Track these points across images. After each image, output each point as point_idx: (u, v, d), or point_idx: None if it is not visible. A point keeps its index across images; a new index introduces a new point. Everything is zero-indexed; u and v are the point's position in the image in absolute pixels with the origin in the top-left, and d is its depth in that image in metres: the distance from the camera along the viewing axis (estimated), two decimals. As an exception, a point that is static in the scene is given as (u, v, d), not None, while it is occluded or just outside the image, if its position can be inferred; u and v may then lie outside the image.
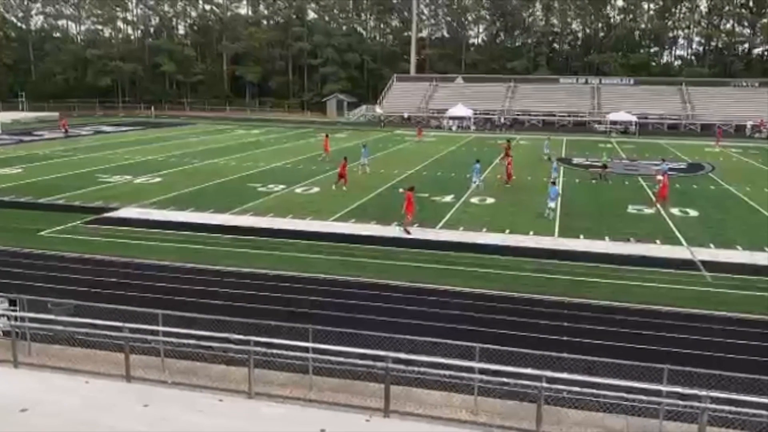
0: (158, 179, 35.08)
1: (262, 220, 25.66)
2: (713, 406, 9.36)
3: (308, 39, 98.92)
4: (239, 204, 28.35)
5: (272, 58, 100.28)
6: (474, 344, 10.97)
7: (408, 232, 23.49)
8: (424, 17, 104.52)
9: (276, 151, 49.00)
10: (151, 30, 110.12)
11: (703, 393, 9.38)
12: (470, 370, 10.81)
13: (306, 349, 11.41)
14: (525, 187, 33.69)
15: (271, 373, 12.16)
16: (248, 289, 17.46)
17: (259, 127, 71.94)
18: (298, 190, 32.45)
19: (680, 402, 9.78)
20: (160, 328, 12.02)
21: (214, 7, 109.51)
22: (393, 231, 24.00)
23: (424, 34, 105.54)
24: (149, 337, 12.14)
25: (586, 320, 15.49)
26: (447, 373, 10.80)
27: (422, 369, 10.87)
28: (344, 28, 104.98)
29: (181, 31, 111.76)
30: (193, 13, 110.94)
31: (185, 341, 11.88)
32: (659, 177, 31.23)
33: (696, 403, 9.46)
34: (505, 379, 10.48)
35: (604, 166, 38.26)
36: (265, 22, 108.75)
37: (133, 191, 31.33)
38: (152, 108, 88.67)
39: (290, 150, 50.08)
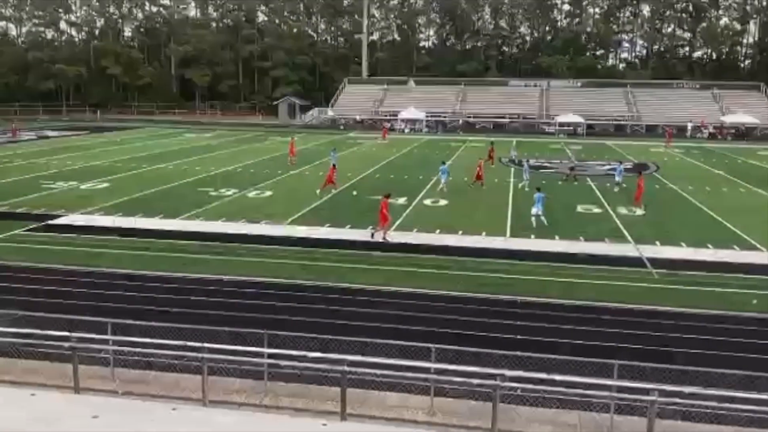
0: (105, 185, 34.20)
1: (214, 224, 25.28)
2: (662, 399, 9.58)
3: (258, 42, 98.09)
4: (190, 209, 27.87)
5: (222, 60, 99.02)
6: (430, 345, 11.01)
7: (384, 239, 23.04)
8: (375, 20, 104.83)
9: (227, 155, 48.34)
10: (96, 32, 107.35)
11: (652, 386, 9.60)
12: (426, 370, 10.85)
13: (261, 355, 11.27)
14: (477, 189, 34.05)
15: (226, 380, 11.98)
16: (200, 295, 17.17)
17: (209, 130, 70.93)
18: (251, 194, 32.09)
19: (630, 396, 9.99)
20: (110, 337, 11.70)
21: (161, 9, 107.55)
22: (348, 233, 23.96)
23: (376, 37, 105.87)
24: (98, 347, 11.79)
25: (539, 318, 15.73)
26: (403, 374, 10.80)
27: (379, 371, 10.84)
28: (295, 30, 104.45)
29: (128, 34, 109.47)
30: (140, 15, 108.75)
31: (136, 350, 11.60)
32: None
33: (645, 397, 9.67)
34: (461, 379, 10.55)
35: (572, 168, 39.22)
36: (214, 24, 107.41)
37: (78, 197, 30.47)
38: (98, 112, 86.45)
39: (242, 154, 49.53)
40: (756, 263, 20.73)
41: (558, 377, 10.00)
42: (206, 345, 11.09)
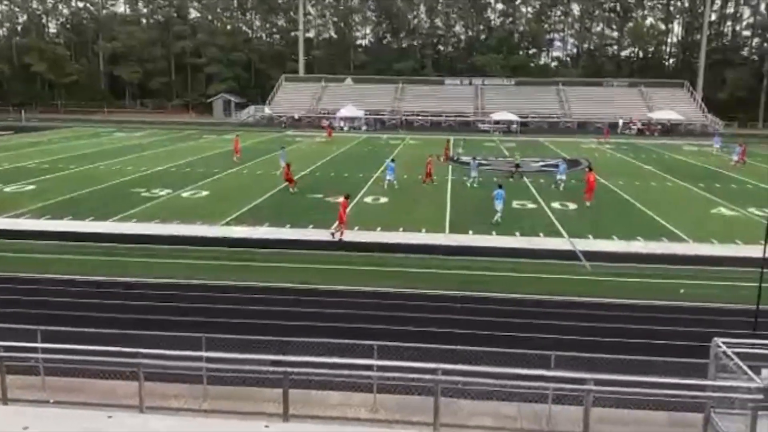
0: (31, 187, 32.77)
1: (148, 226, 24.60)
2: (597, 387, 9.84)
3: (191, 38, 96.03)
4: (122, 211, 27.01)
5: (153, 57, 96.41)
6: (372, 342, 11.02)
7: (339, 239, 22.89)
8: (310, 17, 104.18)
9: (160, 155, 47.11)
10: (19, 28, 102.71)
11: (587, 376, 9.86)
12: (369, 368, 10.85)
13: (199, 359, 11.03)
14: (417, 186, 34.32)
15: (163, 386, 11.67)
16: (134, 299, 16.68)
17: (141, 129, 68.97)
18: (185, 194, 31.37)
19: (566, 386, 10.25)
20: (39, 345, 11.22)
21: (88, 5, 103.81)
22: (287, 233, 23.75)
23: (312, 34, 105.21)
24: (27, 355, 11.29)
25: (479, 312, 15.98)
26: (346, 372, 10.78)
27: (321, 371, 10.78)
28: (229, 27, 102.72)
29: (53, 30, 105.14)
30: (66, 11, 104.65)
31: (68, 357, 11.16)
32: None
33: (581, 386, 9.93)
34: (402, 375, 10.59)
35: (517, 166, 40.05)
36: (144, 20, 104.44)
37: (2, 200, 29.10)
38: (23, 111, 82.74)
39: (175, 153, 48.36)
40: (683, 254, 21.66)
41: (497, 370, 10.13)
42: (142, 350, 10.78)
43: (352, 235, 23.49)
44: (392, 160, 35.14)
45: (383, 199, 30.73)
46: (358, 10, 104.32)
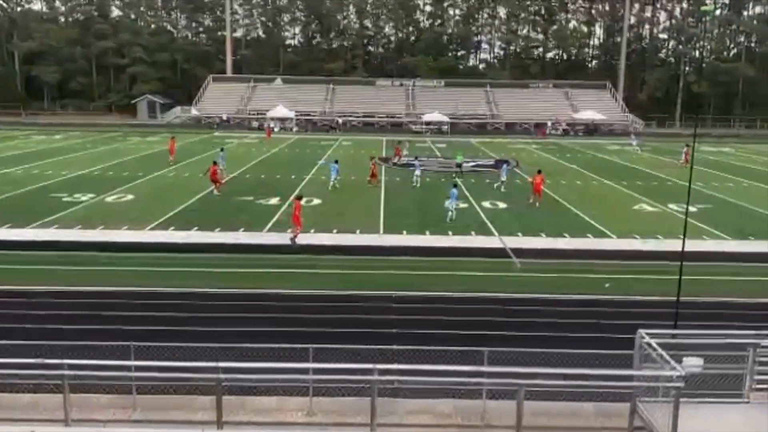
0: (-59, 192, 30.96)
1: (70, 232, 23.61)
2: (528, 381, 10.02)
3: (113, 37, 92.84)
4: (41, 217, 25.81)
5: (73, 57, 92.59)
6: (307, 345, 10.90)
7: (293, 242, 22.53)
8: (238, 17, 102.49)
9: (82, 158, 45.26)
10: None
11: (519, 370, 10.05)
12: (304, 371, 10.73)
13: (128, 368, 10.65)
14: (350, 187, 34.29)
15: (90, 397, 11.21)
16: (57, 308, 15.96)
17: (61, 131, 66.18)
18: (110, 199, 30.29)
19: (499, 380, 10.43)
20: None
21: (1, 2, 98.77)
22: (217, 236, 23.27)
23: (239, 34, 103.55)
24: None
25: (413, 311, 16.10)
26: (280, 377, 10.63)
27: (255, 376, 10.59)
28: (153, 26, 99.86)
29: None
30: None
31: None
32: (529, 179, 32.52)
33: (513, 380, 10.11)
34: (339, 377, 10.54)
35: (459, 165, 40.74)
36: (63, 18, 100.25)
37: None
38: (-70, 113, 78.04)
39: (98, 156, 46.61)
40: (607, 249, 22.48)
41: (432, 367, 10.21)
42: (66, 361, 10.31)
43: (284, 238, 23.25)
44: (336, 161, 35.10)
45: (316, 201, 30.53)
46: (287, 10, 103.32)
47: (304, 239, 23.01)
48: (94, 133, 64.17)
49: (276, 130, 71.64)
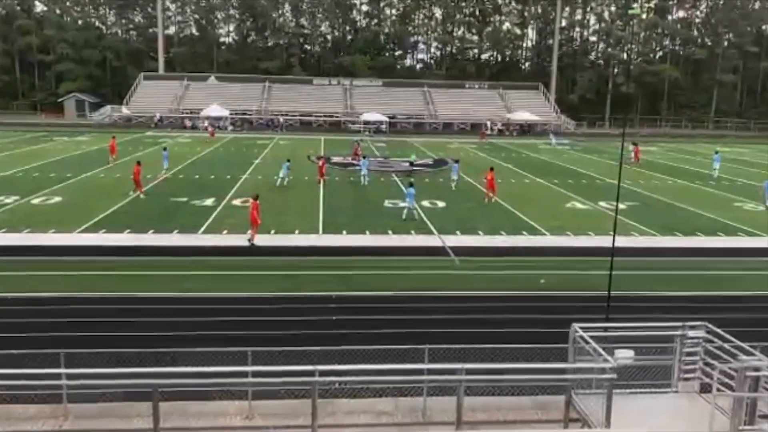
0: None
1: (-7, 236, 22.56)
2: (468, 377, 10.14)
3: (37, 33, 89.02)
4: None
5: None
6: (246, 348, 10.73)
7: (251, 243, 22.23)
8: (170, 14, 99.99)
9: (4, 159, 43.19)
10: None
11: (459, 366, 10.18)
12: (243, 374, 10.56)
13: (58, 376, 10.21)
14: (289, 187, 33.97)
15: (17, 408, 10.71)
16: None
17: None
18: (36, 201, 29.04)
19: (440, 377, 10.53)
20: None
21: None
22: (150, 239, 22.65)
23: (172, 31, 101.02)
24: None
25: (354, 311, 16.08)
26: (219, 381, 10.42)
27: (192, 381, 10.34)
28: (80, 22, 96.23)
29: None
30: None
31: None
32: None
33: (453, 377, 10.23)
34: (279, 380, 10.42)
35: (412, 164, 41.97)
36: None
37: None
38: None
39: (22, 156, 44.54)
40: (542, 246, 23.09)
41: (372, 367, 10.21)
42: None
43: (221, 239, 22.84)
44: (288, 160, 35.45)
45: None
46: (221, 7, 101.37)
47: (240, 240, 22.67)
48: (17, 133, 61.28)
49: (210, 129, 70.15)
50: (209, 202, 29.55)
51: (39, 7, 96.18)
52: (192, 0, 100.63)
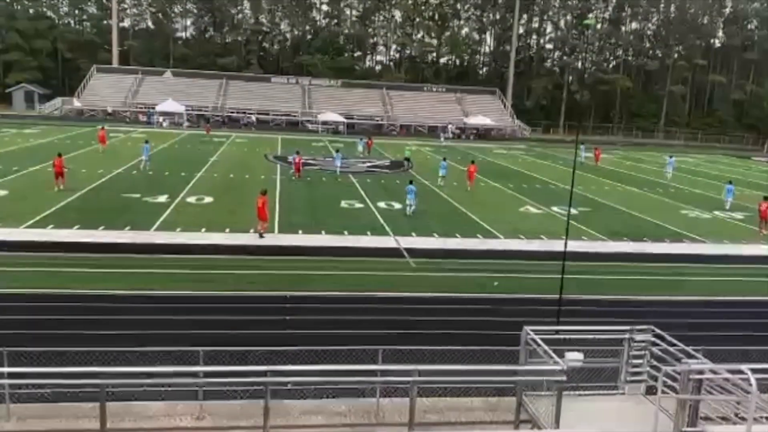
0: None
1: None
2: (421, 378, 10.17)
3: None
4: None
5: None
6: (197, 348, 10.58)
7: (261, 236, 22.54)
8: (125, 6, 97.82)
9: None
10: None
11: (412, 368, 10.22)
12: (194, 375, 10.40)
13: (0, 375, 9.89)
14: (243, 185, 33.61)
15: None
16: None
17: None
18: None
19: (393, 378, 10.56)
20: None
21: None
22: (101, 235, 22.12)
23: (127, 24, 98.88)
24: None
25: (309, 312, 16.01)
26: (169, 381, 10.24)
27: (141, 381, 10.13)
28: (31, 11, 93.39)
29: None
30: None
31: None
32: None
33: (406, 378, 10.25)
34: (231, 380, 10.30)
35: (408, 159, 44.10)
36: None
37: None
38: None
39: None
40: (496, 249, 23.39)
41: (326, 368, 10.21)
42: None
43: (172, 237, 22.45)
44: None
45: (208, 199, 29.70)
46: (178, 1, 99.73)
47: (195, 239, 22.34)
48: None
49: (165, 125, 68.97)
50: (162, 198, 29.01)
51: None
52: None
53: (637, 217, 31.23)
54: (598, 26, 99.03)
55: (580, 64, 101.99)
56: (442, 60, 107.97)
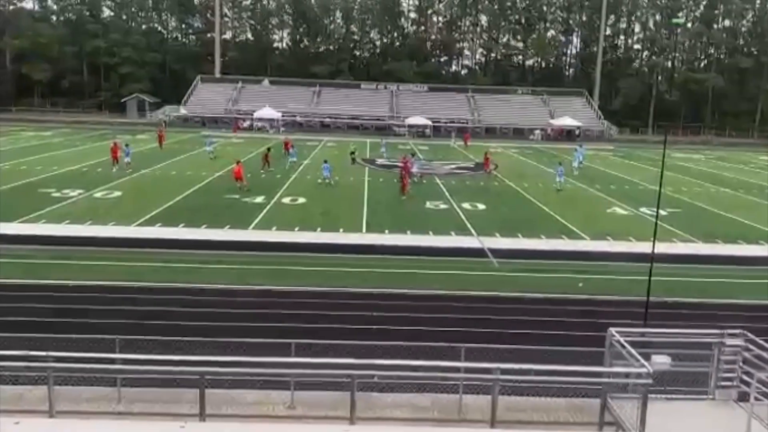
0: None
1: (57, 227, 23.69)
2: (503, 377, 10.23)
3: (104, 37, 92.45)
4: (30, 211, 25.87)
5: (64, 56, 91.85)
6: (290, 340, 11.12)
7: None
8: (227, 19, 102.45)
9: (70, 154, 45.13)
10: None
11: (494, 366, 10.32)
12: (287, 366, 10.92)
13: (113, 361, 10.78)
14: (333, 186, 34.60)
15: (74, 389, 11.33)
16: (44, 302, 16.05)
17: (51, 129, 65.72)
18: (98, 195, 30.36)
19: (475, 375, 10.72)
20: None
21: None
22: (202, 233, 23.42)
23: (228, 36, 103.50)
24: None
25: (396, 309, 16.35)
26: (263, 371, 10.80)
27: (238, 370, 10.68)
28: (144, 27, 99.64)
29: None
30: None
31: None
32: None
33: (488, 376, 10.38)
34: (319, 371, 10.71)
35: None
36: (54, 17, 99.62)
37: None
38: None
39: (87, 153, 46.45)
40: (582, 251, 23.02)
41: (411, 362, 10.39)
42: (52, 354, 10.44)
43: (268, 235, 23.45)
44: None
45: (301, 200, 30.79)
46: (275, 14, 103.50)
47: (289, 237, 23.21)
48: (83, 131, 63.84)
49: (270, 131, 71.38)
50: (259, 199, 30.31)
51: (106, 12, 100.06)
52: (248, 6, 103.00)
53: (729, 218, 29.78)
54: (689, 25, 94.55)
55: (669, 63, 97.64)
56: (528, 62, 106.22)
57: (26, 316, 15.08)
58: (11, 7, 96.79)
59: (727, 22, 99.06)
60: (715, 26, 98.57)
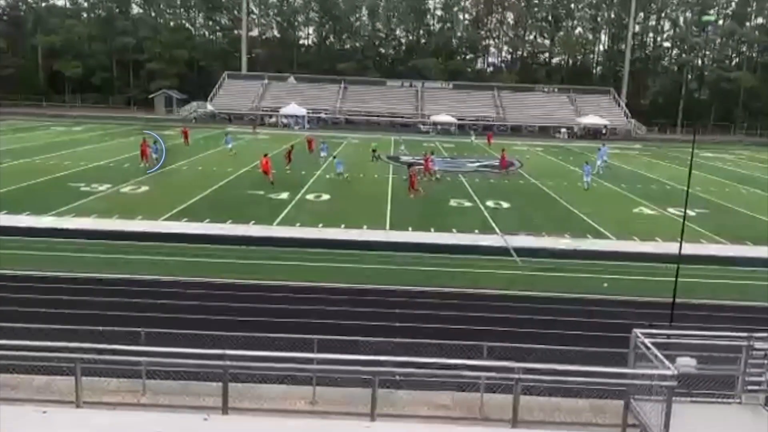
0: None
1: (86, 221, 24.09)
2: (525, 376, 10.19)
3: (133, 34, 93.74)
4: (60, 205, 26.32)
5: (94, 52, 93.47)
6: (313, 336, 11.19)
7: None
8: (254, 17, 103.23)
9: (99, 149, 45.87)
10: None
11: (516, 365, 10.29)
12: (309, 361, 11.00)
13: (138, 353, 10.96)
14: (357, 183, 34.68)
15: (101, 381, 11.53)
16: (72, 294, 16.35)
17: (81, 124, 66.92)
18: (125, 189, 30.82)
19: (497, 374, 10.68)
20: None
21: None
22: (228, 228, 23.66)
23: (255, 33, 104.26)
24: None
25: (416, 306, 16.39)
26: (285, 366, 10.87)
27: (261, 364, 10.78)
28: (172, 24, 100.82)
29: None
30: (2, 2, 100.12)
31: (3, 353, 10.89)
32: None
33: (510, 375, 10.35)
34: (342, 368, 10.77)
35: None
36: (85, 14, 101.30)
37: None
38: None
39: (115, 148, 47.11)
40: (606, 251, 22.74)
41: (432, 360, 10.43)
42: (80, 345, 10.64)
43: (293, 231, 23.60)
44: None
45: (325, 196, 30.92)
46: (302, 11, 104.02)
47: (313, 233, 23.34)
48: (112, 126, 64.81)
49: (297, 128, 71.69)
50: (284, 196, 30.51)
51: (135, 10, 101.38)
52: (275, 3, 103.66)
53: (759, 220, 29.20)
54: (720, 22, 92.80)
55: (699, 61, 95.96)
56: (555, 60, 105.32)
57: (52, 308, 15.33)
58: (43, 4, 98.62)
59: (759, 20, 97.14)
60: (748, 24, 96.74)
